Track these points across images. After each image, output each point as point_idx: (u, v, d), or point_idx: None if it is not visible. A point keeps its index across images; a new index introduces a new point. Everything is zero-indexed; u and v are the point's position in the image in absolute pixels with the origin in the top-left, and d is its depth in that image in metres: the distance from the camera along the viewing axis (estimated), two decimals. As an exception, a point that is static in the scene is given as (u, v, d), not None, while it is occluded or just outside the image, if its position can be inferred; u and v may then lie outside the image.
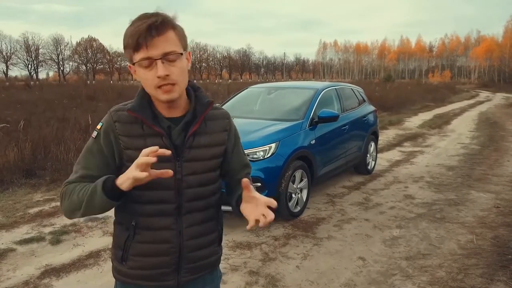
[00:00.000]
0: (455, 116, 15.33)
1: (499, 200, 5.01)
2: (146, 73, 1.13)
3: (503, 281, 3.03)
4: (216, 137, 1.28)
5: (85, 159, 1.23)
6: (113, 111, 1.22)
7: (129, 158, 1.16)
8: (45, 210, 4.55)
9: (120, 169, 1.19)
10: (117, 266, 1.29)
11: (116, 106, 1.24)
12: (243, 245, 3.68)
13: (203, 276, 1.34)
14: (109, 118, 1.21)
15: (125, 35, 1.14)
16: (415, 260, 3.39)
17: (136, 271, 1.25)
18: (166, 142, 1.18)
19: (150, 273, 1.25)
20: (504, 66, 61.96)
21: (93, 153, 1.21)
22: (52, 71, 73.50)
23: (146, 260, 1.24)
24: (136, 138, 1.18)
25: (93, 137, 1.22)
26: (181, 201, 1.22)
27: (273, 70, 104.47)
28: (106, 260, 3.37)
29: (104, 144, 1.20)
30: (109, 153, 1.20)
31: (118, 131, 1.19)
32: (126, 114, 1.20)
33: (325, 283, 3.03)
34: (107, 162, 1.21)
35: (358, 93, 6.63)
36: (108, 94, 16.51)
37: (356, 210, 4.70)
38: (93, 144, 1.22)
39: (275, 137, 4.28)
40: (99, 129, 1.21)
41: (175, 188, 1.21)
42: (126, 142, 1.18)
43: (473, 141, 9.41)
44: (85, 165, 1.22)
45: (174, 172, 1.15)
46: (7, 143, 5.98)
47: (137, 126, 1.19)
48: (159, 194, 1.20)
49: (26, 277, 3.08)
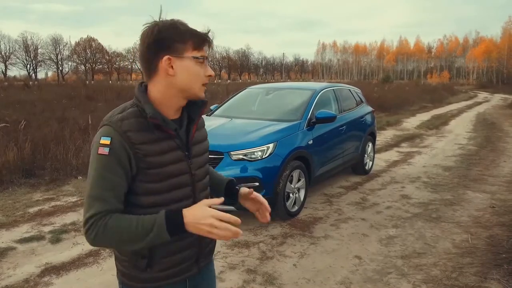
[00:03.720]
0: (453, 117, 15.39)
1: (495, 200, 5.06)
2: (199, 69, 1.22)
3: (497, 279, 3.08)
4: (204, 132, 1.42)
5: (105, 181, 1.14)
6: (117, 121, 1.17)
7: (149, 165, 1.18)
8: (45, 209, 4.59)
9: (136, 177, 1.18)
10: (137, 276, 1.27)
11: (114, 116, 1.18)
12: (241, 244, 3.72)
13: (210, 260, 1.46)
14: (116, 129, 1.15)
15: (184, 29, 1.19)
16: (411, 259, 3.44)
17: (165, 272, 1.28)
18: (178, 143, 1.25)
19: (177, 270, 1.30)
20: (502, 67, 62.16)
21: (113, 170, 1.14)
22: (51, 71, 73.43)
23: (174, 259, 1.28)
24: (152, 144, 1.19)
25: (106, 153, 1.13)
26: (195, 194, 1.30)
27: (272, 71, 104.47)
28: (106, 258, 3.41)
29: (122, 157, 1.14)
30: (127, 163, 1.16)
31: (133, 140, 1.15)
32: (134, 121, 1.18)
33: (321, 281, 3.08)
34: (126, 173, 1.16)
35: (356, 94, 6.67)
36: (107, 94, 16.53)
37: (353, 209, 4.75)
38: (109, 161, 1.13)
39: (273, 137, 4.32)
40: (109, 144, 1.13)
41: (191, 184, 1.28)
42: (145, 150, 1.17)
43: (470, 142, 9.47)
44: (109, 187, 1.14)
45: (188, 169, 1.27)
46: (7, 143, 6.00)
47: (150, 132, 1.19)
48: (179, 193, 1.26)
49: (26, 275, 3.12)
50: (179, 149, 1.25)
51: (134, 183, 1.18)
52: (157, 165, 1.18)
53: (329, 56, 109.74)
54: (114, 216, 1.13)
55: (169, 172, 1.22)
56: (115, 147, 1.13)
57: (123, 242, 1.14)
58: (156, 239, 1.12)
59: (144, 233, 1.11)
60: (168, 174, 1.21)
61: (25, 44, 64.36)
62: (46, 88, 22.42)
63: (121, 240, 1.14)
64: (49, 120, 9.01)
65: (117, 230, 1.12)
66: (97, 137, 1.17)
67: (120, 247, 1.21)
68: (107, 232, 1.11)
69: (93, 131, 7.27)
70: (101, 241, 1.13)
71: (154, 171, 1.18)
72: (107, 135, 1.15)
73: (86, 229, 1.12)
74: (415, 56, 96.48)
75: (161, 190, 1.20)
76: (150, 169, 1.17)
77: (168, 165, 1.21)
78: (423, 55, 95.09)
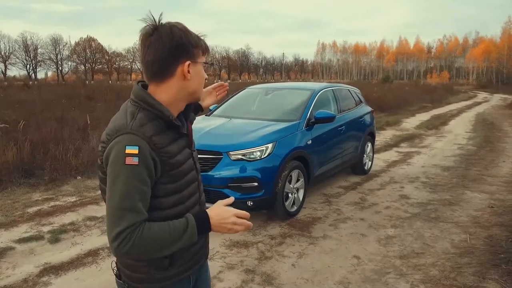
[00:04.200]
0: (452, 117, 15.40)
1: (493, 200, 5.07)
2: (204, 73, 1.30)
3: (495, 279, 3.09)
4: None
5: (138, 192, 1.12)
6: (138, 128, 1.14)
7: (172, 166, 1.20)
8: (44, 209, 4.59)
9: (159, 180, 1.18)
10: (158, 277, 1.27)
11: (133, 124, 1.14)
12: (240, 244, 3.72)
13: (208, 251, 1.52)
14: (141, 136, 1.13)
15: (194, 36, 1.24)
16: (409, 259, 3.45)
17: (183, 267, 1.32)
18: (187, 141, 1.31)
19: (193, 262, 1.35)
20: (502, 67, 62.18)
21: (144, 181, 1.12)
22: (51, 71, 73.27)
23: (189, 252, 1.32)
24: (172, 144, 1.21)
25: (136, 163, 1.10)
26: (199, 189, 1.37)
27: (272, 71, 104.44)
28: (104, 258, 3.41)
29: (150, 165, 1.13)
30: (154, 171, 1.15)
31: (158, 145, 1.15)
32: (153, 125, 1.17)
33: (319, 281, 3.08)
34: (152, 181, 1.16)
35: (355, 94, 6.68)
36: (107, 94, 16.52)
37: (352, 209, 4.75)
38: (139, 171, 1.11)
39: (272, 137, 4.33)
40: (138, 153, 1.10)
41: (197, 179, 1.35)
42: (169, 151, 1.19)
43: (470, 142, 9.47)
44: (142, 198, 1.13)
45: (194, 165, 1.32)
46: (6, 143, 6.01)
47: (165, 133, 1.20)
48: (192, 189, 1.31)
49: (25, 275, 3.13)
50: (188, 146, 1.31)
51: (155, 187, 1.17)
52: (178, 164, 1.23)
53: (328, 56, 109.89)
54: (147, 226, 1.13)
55: (185, 170, 1.27)
56: (144, 156, 1.11)
57: (158, 249, 1.15)
58: (188, 242, 1.20)
59: (178, 238, 1.17)
60: (184, 172, 1.26)
61: (25, 44, 64.26)
62: (46, 88, 22.42)
63: (156, 248, 1.14)
64: (49, 120, 9.00)
65: (153, 239, 1.12)
66: (120, 146, 1.11)
67: (154, 255, 1.18)
68: (143, 242, 1.10)
69: (92, 131, 7.28)
70: (135, 252, 1.11)
71: (176, 171, 1.22)
72: (134, 144, 1.11)
73: (118, 242, 1.09)
74: (414, 56, 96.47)
75: (180, 189, 1.24)
76: (173, 170, 1.21)
77: (183, 164, 1.26)
78: (422, 55, 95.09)
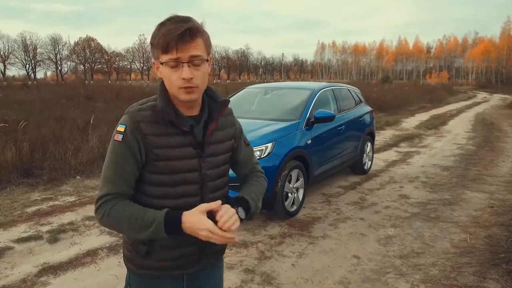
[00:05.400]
0: (452, 117, 15.40)
1: (493, 200, 5.06)
2: (172, 73, 1.18)
3: (495, 279, 3.08)
4: (227, 133, 1.37)
5: (117, 166, 1.21)
6: (134, 111, 1.22)
7: (158, 157, 1.21)
8: (43, 209, 4.58)
9: (145, 166, 1.23)
10: (138, 262, 1.31)
11: (134, 107, 1.24)
12: (240, 243, 3.71)
13: (216, 261, 1.44)
14: (131, 118, 1.21)
15: (155, 35, 1.18)
16: (409, 259, 3.44)
17: (162, 263, 1.30)
18: (190, 140, 1.25)
19: (176, 263, 1.31)
20: (501, 67, 62.24)
21: (125, 157, 1.20)
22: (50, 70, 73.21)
23: (173, 252, 1.29)
24: (164, 137, 1.22)
25: (120, 140, 1.20)
26: (204, 193, 1.29)
27: (271, 71, 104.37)
28: (103, 258, 3.40)
29: (133, 144, 1.20)
30: (138, 152, 1.21)
31: (144, 130, 1.20)
32: (149, 113, 1.21)
33: (319, 281, 3.07)
34: (137, 162, 1.21)
35: (355, 93, 6.67)
36: (106, 94, 16.49)
37: (351, 209, 4.74)
38: (122, 147, 1.20)
39: (272, 137, 4.32)
40: (124, 131, 1.20)
41: (200, 183, 1.28)
42: (154, 141, 1.20)
43: (469, 142, 9.47)
44: (120, 172, 1.21)
45: (199, 168, 1.26)
46: (5, 142, 5.99)
47: (162, 125, 1.22)
48: (185, 189, 1.26)
49: (24, 275, 3.11)
50: (191, 146, 1.25)
51: (143, 173, 1.23)
52: (165, 158, 1.21)
53: (328, 56, 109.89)
54: (121, 203, 1.20)
55: (177, 167, 1.24)
56: (127, 135, 1.19)
57: (122, 230, 1.24)
58: (154, 235, 1.18)
59: (144, 227, 1.17)
60: (175, 168, 1.23)
61: (24, 44, 64.27)
62: (45, 88, 22.39)
63: (121, 228, 1.22)
64: (48, 120, 8.99)
65: (118, 219, 1.19)
66: (118, 124, 1.24)
67: (121, 233, 1.27)
68: (110, 218, 1.19)
69: (92, 131, 7.26)
70: (105, 224, 1.22)
71: (162, 163, 1.22)
72: (123, 123, 1.21)
73: (96, 207, 1.22)
74: (414, 56, 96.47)
75: (167, 183, 1.23)
76: (158, 161, 1.21)
77: (176, 160, 1.23)
78: (422, 55, 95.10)
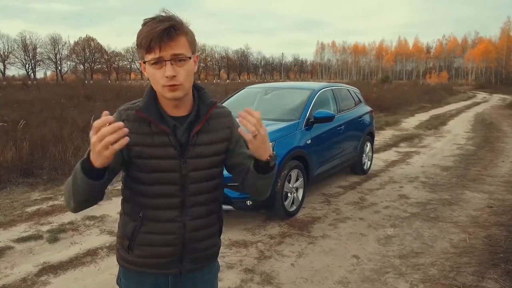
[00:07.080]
0: (452, 117, 15.41)
1: (493, 200, 5.07)
2: (156, 72, 1.20)
3: (494, 279, 3.09)
4: (219, 135, 1.33)
5: None
6: (122, 110, 1.28)
7: (137, 154, 1.24)
8: (43, 208, 4.58)
9: (130, 166, 1.26)
10: (123, 255, 1.37)
11: (125, 105, 1.30)
12: (239, 243, 3.72)
13: (203, 267, 1.42)
14: (118, 116, 1.26)
15: (139, 35, 1.20)
16: (408, 258, 3.44)
17: (142, 260, 1.33)
18: (172, 140, 1.26)
19: (155, 262, 1.33)
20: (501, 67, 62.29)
21: None
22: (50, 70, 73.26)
23: (152, 250, 1.31)
24: (144, 136, 1.25)
25: None
26: (185, 195, 1.29)
27: (271, 71, 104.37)
28: (104, 258, 3.41)
29: None
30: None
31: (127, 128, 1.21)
32: (133, 112, 1.26)
33: (319, 281, 3.08)
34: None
35: (354, 93, 6.67)
36: (106, 94, 16.50)
37: (351, 209, 4.75)
38: None
39: (271, 137, 4.31)
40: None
41: (180, 184, 1.28)
42: (134, 139, 1.21)
43: (469, 142, 9.48)
44: None
45: (179, 168, 1.26)
46: (5, 142, 5.99)
47: (144, 124, 1.25)
48: (164, 189, 1.27)
49: (24, 274, 3.12)
50: (171, 146, 1.26)
51: (129, 170, 1.28)
52: (144, 156, 1.24)
53: (328, 56, 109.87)
54: None
55: (155, 166, 1.25)
56: None
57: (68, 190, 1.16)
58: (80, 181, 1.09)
59: (73, 179, 1.12)
60: (153, 167, 1.25)
61: (24, 44, 64.26)
62: (45, 88, 22.41)
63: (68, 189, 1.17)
64: (48, 119, 8.99)
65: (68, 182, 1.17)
66: None
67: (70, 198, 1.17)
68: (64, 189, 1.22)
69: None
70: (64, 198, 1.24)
71: (140, 161, 1.25)
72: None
73: None
74: (414, 56, 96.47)
75: (146, 182, 1.26)
76: (137, 158, 1.24)
77: (155, 159, 1.25)
78: (422, 55, 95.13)
